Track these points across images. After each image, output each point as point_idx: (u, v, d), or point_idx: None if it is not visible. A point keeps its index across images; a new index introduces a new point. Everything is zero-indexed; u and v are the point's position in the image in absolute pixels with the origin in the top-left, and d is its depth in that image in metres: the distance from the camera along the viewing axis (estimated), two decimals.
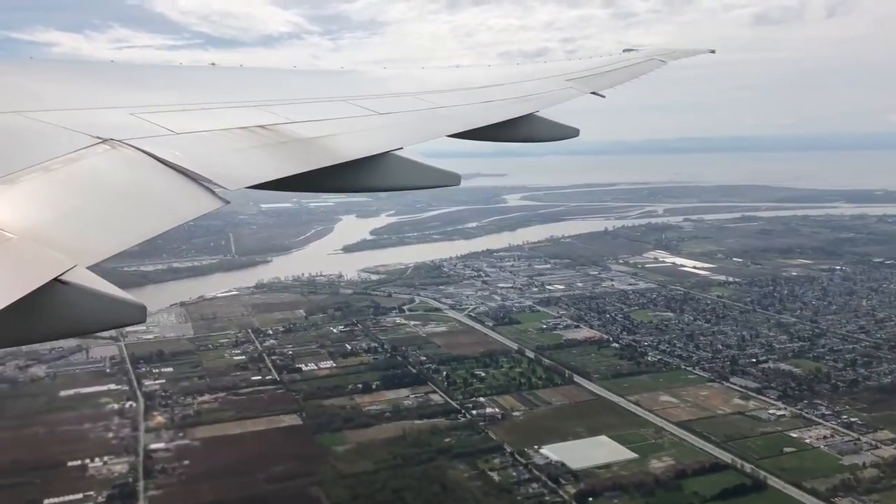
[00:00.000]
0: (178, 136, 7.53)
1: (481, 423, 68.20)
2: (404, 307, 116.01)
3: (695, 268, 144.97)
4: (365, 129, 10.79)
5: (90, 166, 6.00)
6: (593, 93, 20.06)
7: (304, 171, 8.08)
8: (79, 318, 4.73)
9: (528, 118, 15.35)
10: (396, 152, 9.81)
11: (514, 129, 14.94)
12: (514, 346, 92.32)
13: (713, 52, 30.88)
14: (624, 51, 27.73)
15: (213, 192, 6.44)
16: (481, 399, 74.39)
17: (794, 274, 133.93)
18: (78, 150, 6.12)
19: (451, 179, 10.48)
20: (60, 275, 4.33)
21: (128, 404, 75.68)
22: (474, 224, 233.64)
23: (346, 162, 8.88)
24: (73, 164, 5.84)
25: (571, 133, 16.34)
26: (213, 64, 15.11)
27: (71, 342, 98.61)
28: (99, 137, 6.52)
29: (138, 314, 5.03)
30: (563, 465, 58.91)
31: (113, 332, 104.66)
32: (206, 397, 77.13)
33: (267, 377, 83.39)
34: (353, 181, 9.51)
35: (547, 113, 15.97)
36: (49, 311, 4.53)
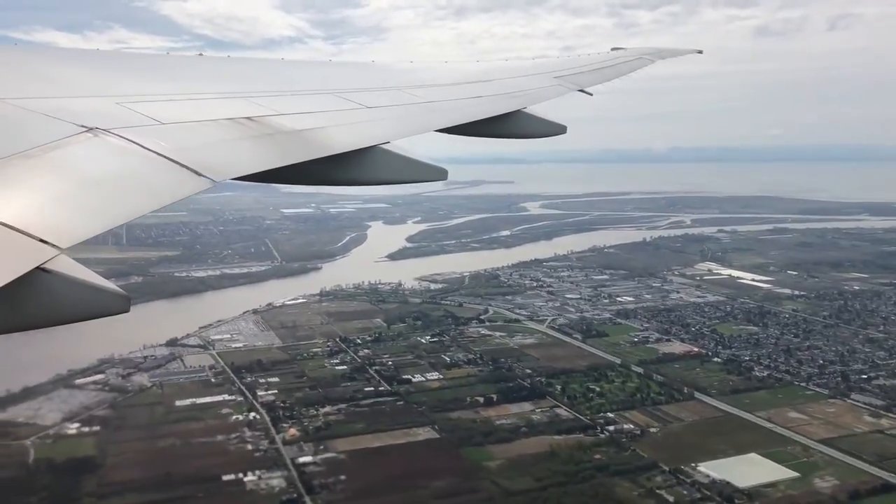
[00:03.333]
0: (164, 126, 7.49)
1: (623, 440, 67.98)
2: (481, 317, 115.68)
3: (753, 280, 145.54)
4: (352, 122, 10.75)
5: (73, 154, 5.96)
6: (581, 90, 20.03)
7: (291, 163, 8.09)
8: (62, 306, 4.76)
9: (516, 114, 15.31)
10: (384, 146, 9.84)
11: (502, 125, 14.88)
12: (615, 359, 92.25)
13: (700, 52, 31.14)
14: (612, 49, 27.58)
15: (197, 173, 6.40)
16: (609, 414, 74.19)
17: (857, 288, 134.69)
18: (62, 139, 6.07)
19: (437, 174, 10.55)
20: (43, 263, 4.31)
21: (251, 415, 74.91)
22: (507, 233, 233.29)
23: (333, 155, 8.87)
24: (56, 152, 5.81)
25: (559, 130, 16.33)
26: (200, 54, 14.79)
27: (164, 350, 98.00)
28: (83, 126, 6.46)
29: (122, 303, 5.08)
30: (728, 483, 58.80)
31: (199, 340, 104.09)
32: (328, 409, 76.49)
33: (380, 388, 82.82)
34: (339, 174, 9.51)
35: (535, 109, 16.01)
36: (32, 299, 4.54)
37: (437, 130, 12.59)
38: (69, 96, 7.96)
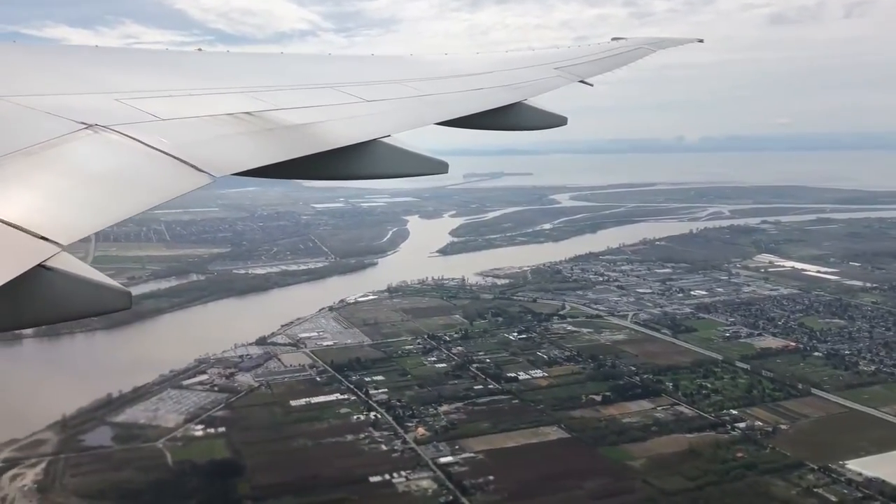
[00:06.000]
0: (163, 122, 7.48)
1: (758, 437, 67.62)
2: (560, 313, 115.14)
3: (819, 273, 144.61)
4: (352, 116, 10.70)
5: (74, 151, 5.95)
6: (581, 81, 19.90)
7: (291, 158, 8.05)
8: (64, 303, 4.82)
9: (517, 106, 15.22)
10: (384, 139, 9.77)
11: (502, 118, 14.80)
12: (715, 355, 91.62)
13: (701, 41, 31.25)
14: (612, 39, 27.32)
15: (197, 169, 6.41)
16: (733, 411, 73.77)
17: None
18: (62, 136, 6.06)
19: (438, 167, 10.52)
20: (44, 261, 4.31)
21: (372, 415, 74.73)
22: (548, 226, 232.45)
23: (334, 149, 8.83)
24: (57, 149, 5.81)
25: (560, 122, 16.19)
26: (199, 49, 14.72)
27: (256, 349, 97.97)
28: (83, 123, 6.44)
29: (123, 300, 5.17)
30: (884, 481, 58.38)
31: (287, 339, 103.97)
32: (446, 407, 76.29)
33: (489, 386, 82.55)
34: (340, 168, 9.47)
35: (535, 101, 15.86)
36: (33, 296, 4.59)
37: (437, 123, 12.55)
38: (69, 93, 7.94)
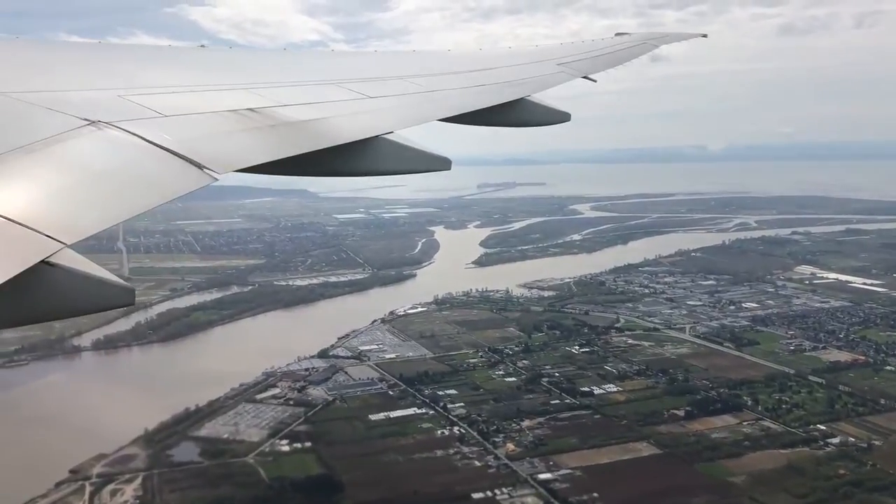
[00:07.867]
0: (166, 119, 7.41)
1: (854, 453, 66.97)
2: (616, 326, 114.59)
3: (865, 284, 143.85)
4: (355, 112, 10.66)
5: (77, 148, 5.90)
6: (585, 77, 19.70)
7: (294, 154, 8.01)
8: (67, 300, 4.80)
9: (520, 102, 15.16)
10: (387, 136, 9.75)
11: (506, 114, 14.74)
12: (785, 369, 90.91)
13: (705, 35, 31.30)
14: (616, 35, 27.09)
15: (200, 168, 6.33)
16: (821, 427, 73.17)
17: None
18: (65, 132, 6.01)
19: (440, 164, 10.51)
20: (48, 257, 4.27)
21: (454, 429, 74.27)
22: (577, 237, 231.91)
23: (337, 145, 8.78)
24: (60, 146, 5.75)
25: (563, 118, 16.12)
26: (202, 45, 14.72)
27: (318, 362, 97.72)
28: (86, 119, 6.38)
29: (126, 296, 5.15)
30: None
31: (347, 351, 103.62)
32: (529, 422, 75.76)
33: (566, 401, 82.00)
34: (343, 165, 9.44)
35: (539, 97, 15.73)
36: (37, 293, 4.57)
37: (440, 119, 12.41)
38: (71, 89, 7.89)
